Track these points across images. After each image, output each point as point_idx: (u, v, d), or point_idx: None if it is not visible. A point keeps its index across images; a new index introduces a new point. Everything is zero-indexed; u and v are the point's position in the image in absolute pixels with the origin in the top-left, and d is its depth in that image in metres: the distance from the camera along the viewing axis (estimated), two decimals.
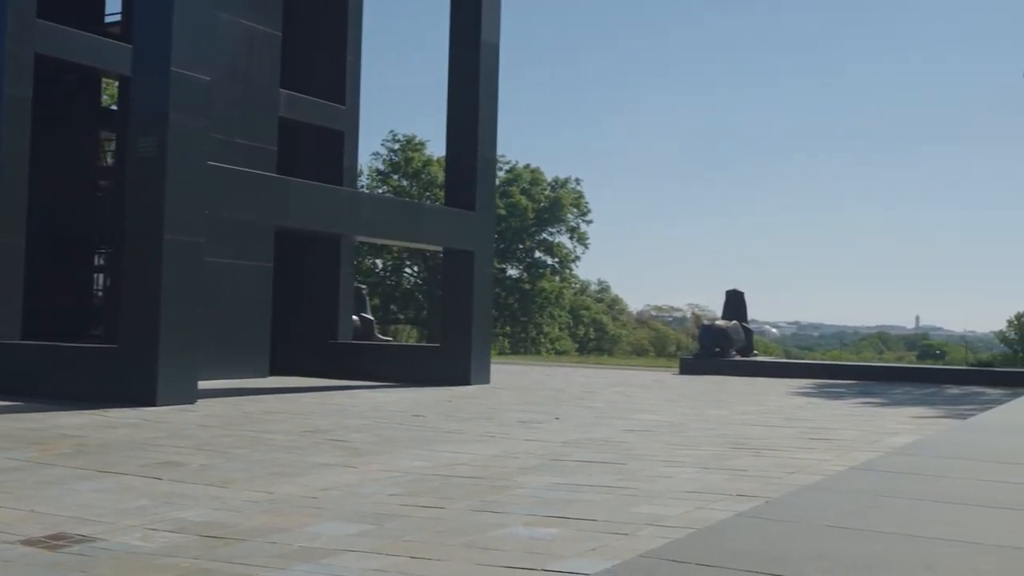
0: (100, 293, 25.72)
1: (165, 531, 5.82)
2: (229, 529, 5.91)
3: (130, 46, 16.37)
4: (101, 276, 25.88)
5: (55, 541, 5.54)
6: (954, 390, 22.75)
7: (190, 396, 14.28)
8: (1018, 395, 17.18)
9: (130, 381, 14.04)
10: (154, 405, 13.66)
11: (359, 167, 60.75)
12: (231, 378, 19.62)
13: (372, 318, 28.88)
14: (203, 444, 9.96)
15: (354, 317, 25.07)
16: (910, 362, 68.07)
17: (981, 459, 7.31)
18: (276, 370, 21.41)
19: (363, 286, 31.47)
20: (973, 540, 4.40)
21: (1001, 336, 62.12)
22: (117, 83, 24.99)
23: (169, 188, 14.12)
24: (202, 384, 15.41)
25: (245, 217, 17.15)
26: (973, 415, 12.65)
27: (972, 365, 39.94)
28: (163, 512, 6.38)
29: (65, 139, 23.26)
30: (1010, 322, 60.75)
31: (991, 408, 13.70)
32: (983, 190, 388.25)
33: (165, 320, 13.97)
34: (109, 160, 25.97)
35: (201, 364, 15.43)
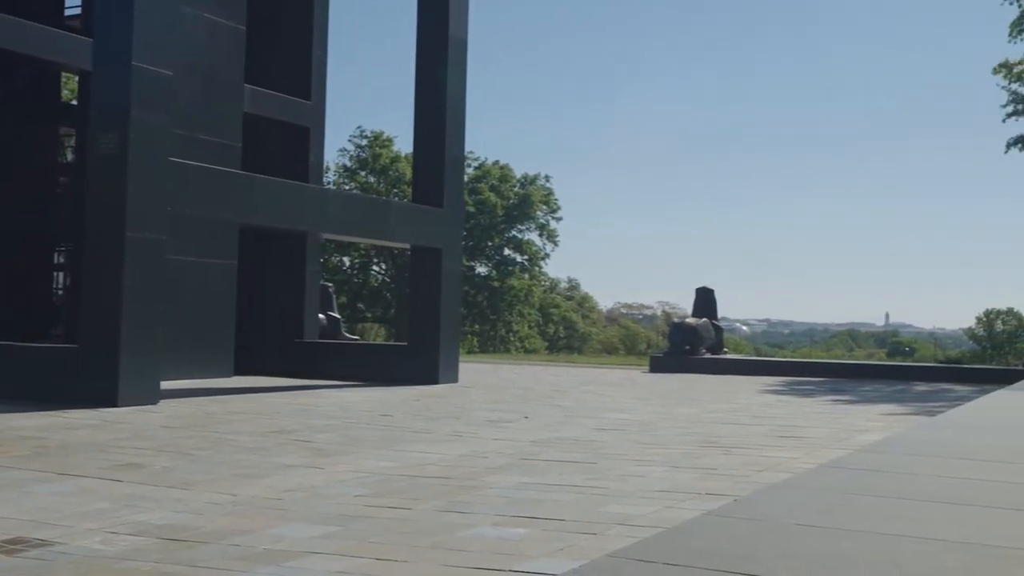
0: (60, 292, 25.35)
1: (126, 534, 5.73)
2: (191, 532, 5.82)
3: (90, 40, 16.12)
4: (61, 274, 25.51)
5: (12, 545, 5.43)
6: (923, 387, 22.96)
7: (152, 396, 14.10)
8: (986, 391, 17.35)
9: (91, 381, 13.83)
10: (115, 406, 13.47)
11: (326, 163, 60.49)
12: (195, 378, 19.41)
13: (339, 316, 28.72)
14: (165, 445, 9.82)
15: (320, 316, 24.90)
16: (880, 359, 68.72)
17: (949, 456, 7.33)
18: (241, 370, 21.19)
19: (330, 284, 31.25)
20: (940, 538, 4.39)
21: (970, 333, 62.84)
22: (77, 78, 24.64)
23: (131, 185, 13.92)
24: (165, 384, 15.23)
25: (209, 214, 16.97)
26: (942, 412, 12.74)
27: (941, 362, 40.32)
28: (124, 515, 6.28)
29: (24, 135, 22.89)
30: (979, 319, 61.51)
31: (959, 405, 13.82)
32: (953, 187, 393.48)
33: (127, 319, 13.78)
34: (69, 156, 25.60)
35: (164, 364, 15.23)
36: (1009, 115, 32.85)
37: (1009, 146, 33.33)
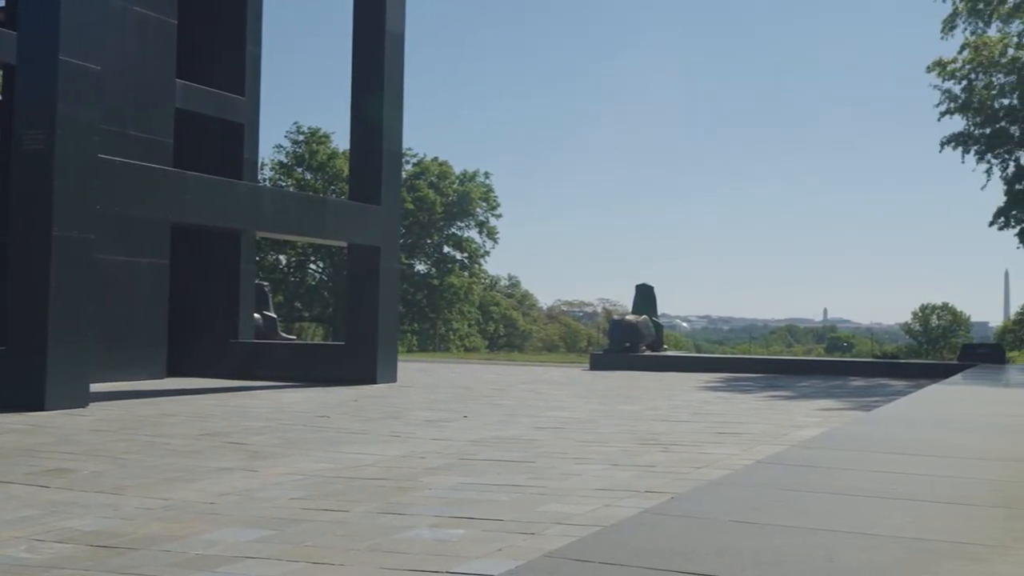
0: None
1: (53, 542, 5.58)
2: (121, 538, 5.68)
3: (15, 33, 15.68)
4: None
5: None
6: (859, 382, 23.36)
7: (81, 399, 13.78)
8: (921, 386, 17.69)
9: (17, 384, 13.48)
10: (43, 409, 13.14)
11: (262, 160, 59.77)
12: (126, 380, 19.05)
13: (275, 316, 28.39)
14: (95, 450, 9.60)
15: (256, 315, 24.59)
16: (819, 355, 70.01)
17: (883, 451, 7.44)
18: (174, 371, 20.86)
19: (265, 283, 30.89)
20: (873, 532, 4.44)
21: (906, 328, 64.28)
22: (1, 72, 23.96)
23: (58, 183, 13.58)
24: (95, 387, 14.92)
25: (139, 212, 16.63)
26: (877, 407, 12.97)
27: (878, 357, 41.19)
28: (51, 522, 6.10)
29: None
30: (915, 314, 62.95)
31: (895, 400, 14.07)
32: (890, 185, 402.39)
33: (54, 320, 13.45)
34: None
35: (93, 366, 14.92)
36: (943, 114, 33.59)
37: (943, 145, 34.09)
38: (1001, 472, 6.46)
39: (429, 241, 66.29)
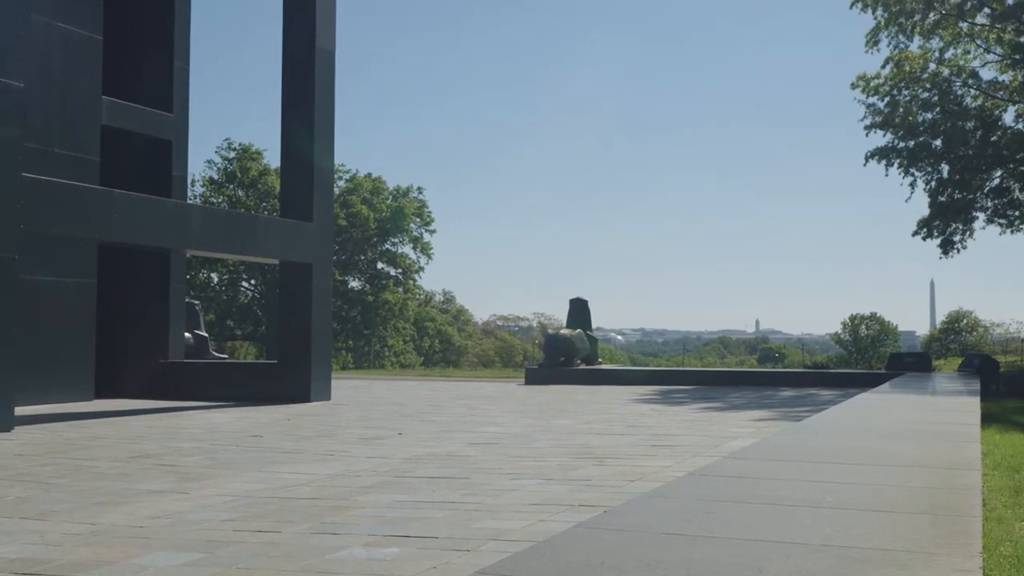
0: None
1: None
2: (46, 565, 5.55)
3: None
4: None
5: None
6: (790, 392, 23.71)
7: (5, 423, 13.44)
8: (850, 395, 18.02)
9: None
10: None
11: (193, 176, 58.92)
12: (52, 403, 18.62)
13: (206, 335, 27.97)
14: (20, 475, 9.35)
15: (187, 334, 24.20)
16: (751, 366, 71.09)
17: (811, 460, 7.57)
18: (102, 393, 20.42)
19: (196, 302, 30.38)
20: (802, 541, 4.51)
21: (836, 338, 65.46)
22: None
23: None
24: (19, 410, 14.55)
25: (65, 232, 16.28)
26: (808, 416, 13.19)
27: (808, 367, 41.86)
28: None
29: None
30: (844, 324, 64.15)
31: (824, 409, 14.32)
32: (820, 198, 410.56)
33: None
34: None
35: (18, 389, 14.54)
36: (868, 128, 34.38)
37: (868, 158, 34.87)
38: (925, 479, 6.62)
39: (363, 257, 65.83)
